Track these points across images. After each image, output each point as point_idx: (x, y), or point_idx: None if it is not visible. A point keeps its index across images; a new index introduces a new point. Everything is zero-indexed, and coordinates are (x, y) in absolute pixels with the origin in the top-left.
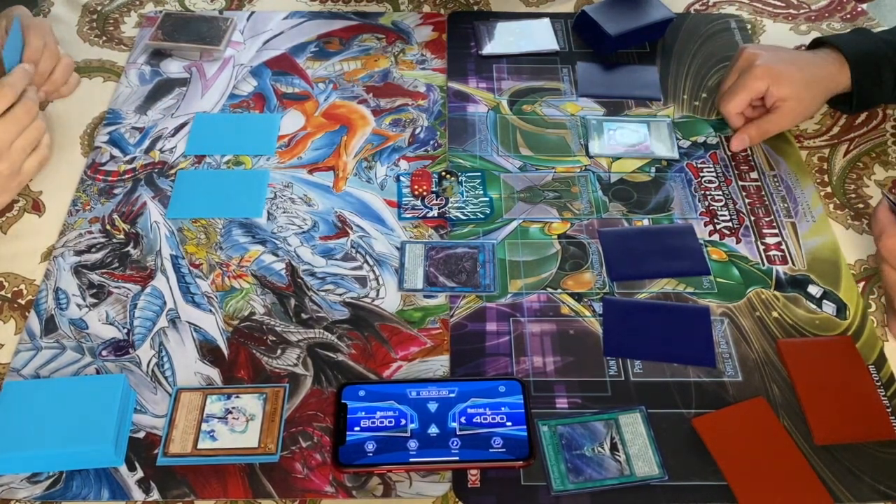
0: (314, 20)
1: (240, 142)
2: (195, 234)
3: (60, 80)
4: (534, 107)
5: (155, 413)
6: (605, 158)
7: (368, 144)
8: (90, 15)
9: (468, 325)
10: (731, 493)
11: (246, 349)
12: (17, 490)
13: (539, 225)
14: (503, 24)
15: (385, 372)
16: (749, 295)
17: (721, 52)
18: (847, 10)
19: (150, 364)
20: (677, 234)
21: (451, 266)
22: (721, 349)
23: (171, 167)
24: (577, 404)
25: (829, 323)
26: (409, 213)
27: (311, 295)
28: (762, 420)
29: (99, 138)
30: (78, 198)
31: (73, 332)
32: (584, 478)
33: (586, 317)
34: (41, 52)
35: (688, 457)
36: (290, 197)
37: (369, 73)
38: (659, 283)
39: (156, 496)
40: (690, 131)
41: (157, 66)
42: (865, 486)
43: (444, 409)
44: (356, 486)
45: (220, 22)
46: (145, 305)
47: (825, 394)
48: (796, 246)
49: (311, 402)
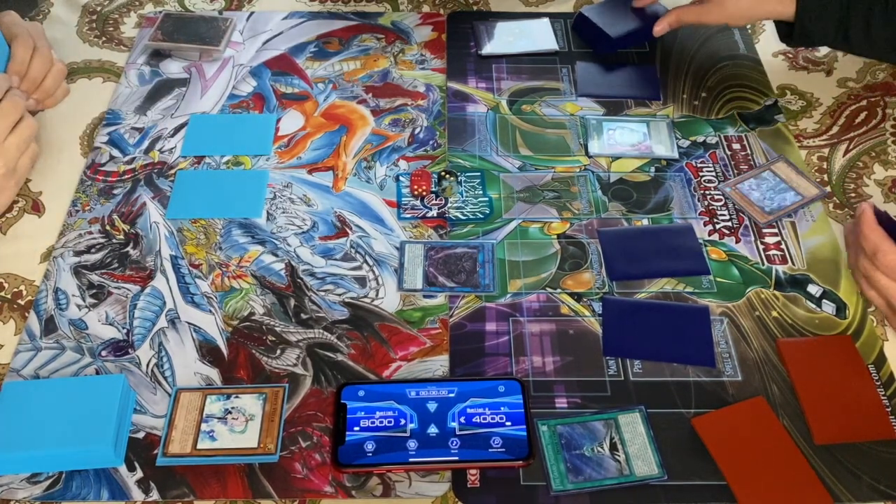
0: (314, 20)
1: (236, 142)
2: (195, 235)
3: (51, 86)
4: (533, 107)
5: (154, 413)
6: (604, 158)
7: (368, 144)
8: (90, 15)
9: (468, 325)
10: (730, 492)
11: (245, 349)
12: (17, 490)
13: (538, 225)
14: (502, 24)
15: (384, 372)
16: (749, 294)
17: (720, 52)
18: None
19: (150, 364)
20: (677, 233)
21: (450, 266)
22: (720, 349)
23: (170, 167)
24: (576, 404)
25: (829, 322)
26: (409, 213)
27: (310, 295)
28: (762, 420)
29: (98, 139)
30: (77, 198)
31: (72, 333)
32: (584, 477)
33: (586, 316)
34: (27, 64)
35: (687, 456)
36: (290, 197)
37: (369, 73)
38: (658, 282)
39: (155, 496)
40: (690, 131)
41: (157, 66)
42: (865, 486)
43: (443, 409)
44: (356, 486)
45: (220, 22)
46: (145, 306)
47: (825, 393)
48: (796, 245)
49: (310, 402)
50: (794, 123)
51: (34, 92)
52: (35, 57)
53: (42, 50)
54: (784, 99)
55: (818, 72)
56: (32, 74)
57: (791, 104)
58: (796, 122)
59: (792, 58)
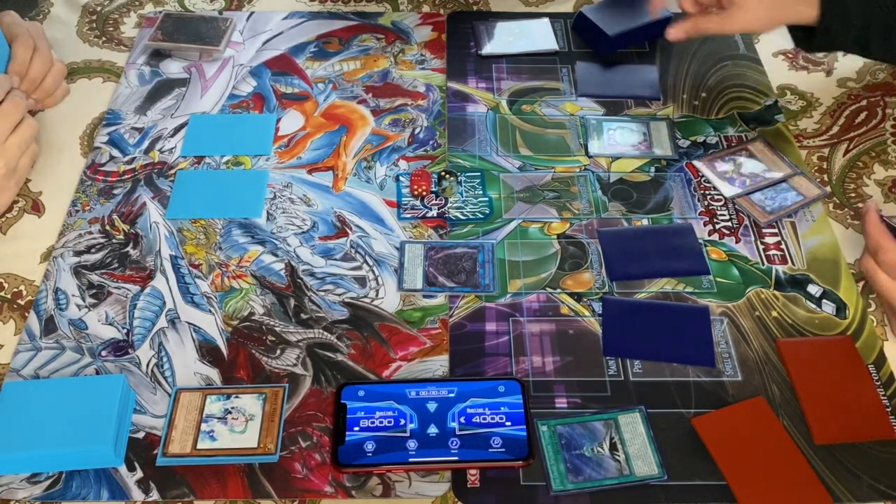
0: (314, 20)
1: (236, 142)
2: (195, 235)
3: (51, 86)
4: (533, 107)
5: (154, 413)
6: (604, 158)
7: (368, 144)
8: (90, 15)
9: (467, 325)
10: (730, 492)
11: (245, 349)
12: (17, 490)
13: (538, 225)
14: (502, 24)
15: (384, 372)
16: (748, 294)
17: (720, 52)
18: None
19: (150, 364)
20: (677, 233)
21: (450, 266)
22: (720, 349)
23: (170, 167)
24: (576, 404)
25: (829, 322)
26: (409, 213)
27: (310, 295)
28: (762, 420)
29: (98, 139)
30: (77, 198)
31: (72, 333)
32: (584, 478)
33: (586, 317)
34: (27, 64)
35: (687, 457)
36: (290, 197)
37: (369, 73)
38: (658, 282)
39: (155, 496)
40: (690, 131)
41: (157, 66)
42: (865, 486)
43: (443, 409)
44: (355, 486)
45: (220, 22)
46: (145, 306)
47: (825, 393)
48: (796, 245)
49: (310, 402)
50: (794, 123)
51: (34, 92)
52: (35, 57)
53: (42, 50)
54: (784, 99)
55: (818, 72)
56: (32, 74)
57: (791, 104)
58: (796, 122)
59: (792, 58)
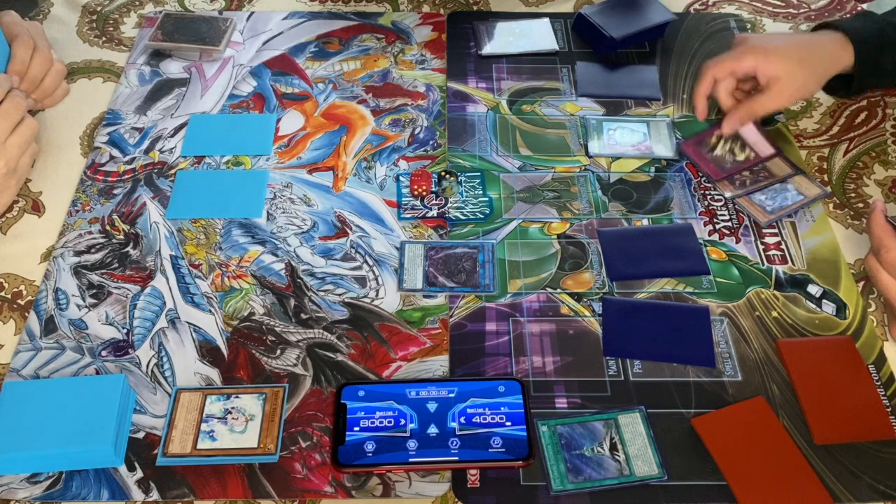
0: (314, 20)
1: (236, 142)
2: (195, 235)
3: (51, 86)
4: (533, 107)
5: (154, 413)
6: (604, 158)
7: (368, 144)
8: (90, 15)
9: (468, 325)
10: (730, 492)
11: (245, 349)
12: (17, 490)
13: (538, 225)
14: (503, 24)
15: (384, 372)
16: (749, 294)
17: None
18: (847, 10)
19: (150, 364)
20: (677, 233)
21: (450, 266)
22: (720, 349)
23: (170, 167)
24: (576, 404)
25: (829, 322)
26: (409, 213)
27: (310, 295)
28: (762, 420)
29: (98, 139)
30: (77, 198)
31: (72, 333)
32: (584, 478)
33: (586, 317)
34: (27, 64)
35: (687, 457)
36: (290, 197)
37: (369, 73)
38: (658, 282)
39: (155, 496)
40: (690, 131)
41: (157, 66)
42: (865, 486)
43: (443, 409)
44: (355, 486)
45: (220, 22)
46: (145, 306)
47: (825, 393)
48: (796, 245)
49: (310, 402)
50: (794, 123)
51: (34, 92)
52: (35, 57)
53: (42, 50)
54: None
55: None
56: (32, 74)
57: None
58: (796, 122)
59: None
